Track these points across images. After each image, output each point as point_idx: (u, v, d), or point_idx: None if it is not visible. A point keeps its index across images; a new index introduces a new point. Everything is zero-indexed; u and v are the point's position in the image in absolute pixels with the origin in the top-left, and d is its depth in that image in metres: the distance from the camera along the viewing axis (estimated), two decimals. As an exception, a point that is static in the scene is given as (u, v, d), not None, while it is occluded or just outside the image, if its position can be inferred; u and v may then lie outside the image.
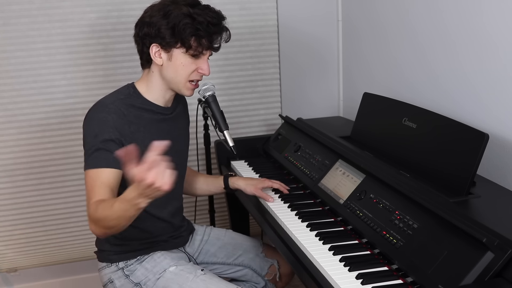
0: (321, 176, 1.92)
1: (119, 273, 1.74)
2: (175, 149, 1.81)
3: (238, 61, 2.68)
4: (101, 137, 1.57)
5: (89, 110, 1.67)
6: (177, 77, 1.67)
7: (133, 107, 1.66)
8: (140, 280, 1.72)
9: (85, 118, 1.65)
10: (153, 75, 1.70)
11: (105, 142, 1.57)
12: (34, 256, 2.67)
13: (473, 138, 1.51)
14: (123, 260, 1.74)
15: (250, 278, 1.97)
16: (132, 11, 2.47)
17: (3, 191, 2.54)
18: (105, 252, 1.76)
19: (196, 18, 1.60)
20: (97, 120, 1.60)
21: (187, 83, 1.69)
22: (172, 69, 1.66)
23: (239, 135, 2.70)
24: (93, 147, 1.57)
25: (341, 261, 1.46)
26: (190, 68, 1.66)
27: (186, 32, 1.60)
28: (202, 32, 1.61)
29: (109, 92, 1.75)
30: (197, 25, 1.60)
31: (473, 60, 1.80)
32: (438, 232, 1.34)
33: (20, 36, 2.41)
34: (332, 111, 2.84)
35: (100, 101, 1.67)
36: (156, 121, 1.73)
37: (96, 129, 1.58)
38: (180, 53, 1.64)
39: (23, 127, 2.50)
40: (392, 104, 1.94)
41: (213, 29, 1.64)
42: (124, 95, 1.69)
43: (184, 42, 1.62)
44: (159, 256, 1.76)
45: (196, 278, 1.69)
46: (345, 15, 2.70)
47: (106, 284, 1.77)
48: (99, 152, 1.56)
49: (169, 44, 1.62)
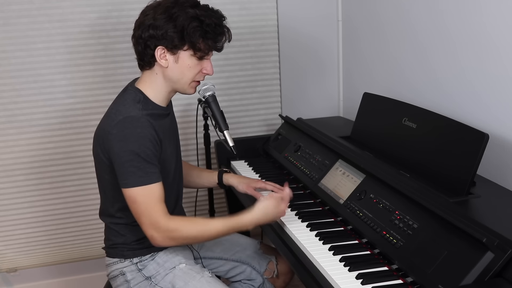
0: (321, 176, 1.93)
1: (132, 267, 1.76)
2: (175, 144, 1.83)
3: (238, 61, 2.68)
4: (143, 153, 1.59)
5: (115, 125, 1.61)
6: (183, 79, 1.68)
7: (152, 116, 1.66)
8: (151, 274, 1.75)
9: (115, 134, 1.60)
10: (156, 77, 1.69)
11: (149, 158, 1.60)
12: (34, 256, 2.67)
13: (473, 138, 1.51)
14: (137, 256, 1.76)
15: (249, 275, 1.97)
16: (132, 11, 2.47)
17: (3, 191, 2.54)
18: (118, 249, 1.77)
19: (204, 21, 1.61)
20: (134, 137, 1.59)
21: (192, 83, 1.71)
22: (178, 70, 1.66)
23: (239, 135, 2.71)
24: (139, 163, 1.59)
25: (341, 261, 1.46)
26: (196, 69, 1.68)
27: (196, 35, 1.61)
28: (210, 34, 1.62)
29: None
30: (206, 28, 1.61)
31: (473, 60, 1.80)
32: (438, 232, 1.34)
33: (20, 36, 2.41)
34: (332, 111, 2.84)
35: (128, 116, 1.62)
36: (166, 124, 1.75)
37: (136, 146, 1.59)
38: (187, 55, 1.64)
39: (23, 127, 2.50)
40: (392, 104, 1.94)
41: (219, 30, 1.65)
42: (141, 104, 1.67)
43: (194, 45, 1.62)
44: (171, 252, 1.79)
45: (202, 278, 1.71)
46: (345, 15, 2.70)
47: (116, 276, 1.78)
48: (147, 167, 1.60)
49: (177, 47, 1.63)
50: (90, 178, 2.59)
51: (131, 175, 1.59)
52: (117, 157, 1.60)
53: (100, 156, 1.69)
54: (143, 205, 1.60)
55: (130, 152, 1.59)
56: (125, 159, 1.59)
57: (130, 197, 1.60)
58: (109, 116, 1.66)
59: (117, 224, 1.76)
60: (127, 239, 1.76)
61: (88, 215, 2.64)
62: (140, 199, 1.59)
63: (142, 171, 1.59)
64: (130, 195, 1.60)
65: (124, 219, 1.74)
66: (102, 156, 1.68)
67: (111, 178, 1.70)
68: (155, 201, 1.60)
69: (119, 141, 1.60)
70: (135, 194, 1.59)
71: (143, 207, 1.60)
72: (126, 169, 1.59)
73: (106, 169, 1.69)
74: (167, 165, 1.72)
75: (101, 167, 1.72)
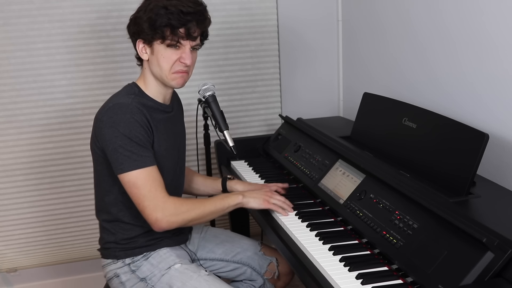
0: (321, 176, 1.93)
1: (125, 268, 1.76)
2: (177, 147, 1.83)
3: (238, 61, 2.68)
4: (135, 138, 1.60)
5: (105, 112, 1.64)
6: (161, 70, 1.69)
7: (145, 107, 1.68)
8: (145, 276, 1.74)
9: (105, 121, 1.62)
10: (146, 71, 1.74)
11: (141, 142, 1.61)
12: (34, 256, 2.67)
13: (473, 138, 1.51)
14: (129, 257, 1.76)
15: (249, 276, 1.97)
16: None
17: (3, 191, 2.54)
18: (111, 250, 1.77)
19: (169, 8, 1.62)
20: (125, 122, 1.61)
21: (172, 75, 1.70)
22: (156, 62, 1.68)
23: (239, 135, 2.71)
24: (132, 147, 1.60)
25: (341, 261, 1.46)
26: (171, 59, 1.67)
27: (157, 22, 1.62)
28: (173, 21, 1.62)
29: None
30: (169, 15, 1.61)
31: (473, 60, 1.80)
32: (438, 232, 1.34)
33: (20, 36, 2.41)
34: (332, 111, 2.84)
35: (117, 103, 1.64)
36: (163, 120, 1.75)
37: (127, 131, 1.60)
38: (159, 46, 1.66)
39: (23, 127, 2.50)
40: (392, 104, 1.94)
41: (186, 17, 1.63)
42: (134, 94, 1.70)
43: (158, 33, 1.63)
44: (165, 253, 1.78)
45: (200, 277, 1.71)
46: (345, 15, 2.70)
47: (111, 278, 1.78)
48: (140, 151, 1.61)
49: (149, 38, 1.65)
50: (90, 178, 2.58)
51: (126, 159, 1.60)
52: (110, 143, 1.61)
53: (93, 147, 1.71)
54: (145, 188, 1.60)
55: (121, 137, 1.60)
56: (118, 144, 1.60)
57: (129, 182, 1.61)
58: (102, 107, 1.70)
59: (109, 221, 1.77)
60: (117, 237, 1.76)
61: (88, 215, 2.64)
62: (141, 182, 1.60)
63: (136, 154, 1.60)
64: (129, 180, 1.60)
65: (115, 214, 1.74)
66: (95, 147, 1.70)
67: (102, 169, 1.71)
68: (157, 183, 1.62)
69: (110, 127, 1.61)
70: (134, 178, 1.60)
71: (146, 190, 1.60)
72: (120, 154, 1.60)
73: (98, 159, 1.71)
74: (159, 160, 1.70)
75: (95, 159, 1.74)
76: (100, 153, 1.68)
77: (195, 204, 1.68)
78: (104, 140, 1.62)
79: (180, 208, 1.64)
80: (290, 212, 1.79)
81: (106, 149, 1.63)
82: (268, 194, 1.80)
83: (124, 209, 1.74)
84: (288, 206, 1.80)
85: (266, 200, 1.77)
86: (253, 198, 1.77)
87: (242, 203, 1.75)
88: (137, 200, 1.62)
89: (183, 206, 1.65)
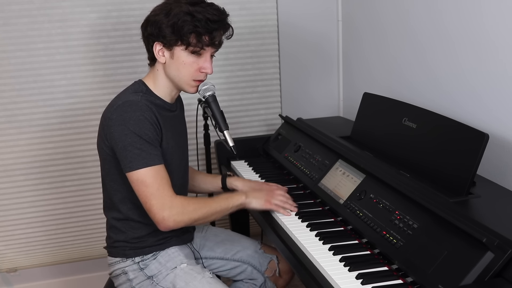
0: (321, 176, 1.93)
1: (134, 266, 1.76)
2: (180, 145, 1.84)
3: (238, 61, 2.68)
4: (145, 135, 1.61)
5: (114, 110, 1.63)
6: (179, 76, 1.70)
7: (153, 105, 1.69)
8: (153, 274, 1.75)
9: (115, 119, 1.62)
10: (158, 73, 1.74)
11: (150, 140, 1.62)
12: (34, 256, 2.68)
13: (473, 138, 1.51)
14: (139, 255, 1.76)
15: (250, 274, 1.97)
16: (132, 11, 2.48)
17: (3, 191, 2.54)
18: (120, 248, 1.78)
19: (196, 16, 1.62)
20: (134, 120, 1.61)
21: (192, 82, 1.72)
22: (175, 67, 1.69)
23: (239, 135, 2.71)
24: (142, 145, 1.60)
25: (341, 261, 1.46)
26: (192, 67, 1.69)
27: (184, 29, 1.62)
28: (200, 29, 1.63)
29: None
30: (196, 22, 1.62)
31: (472, 60, 1.80)
32: (438, 232, 1.34)
33: (20, 36, 2.41)
34: (332, 111, 2.84)
35: (127, 101, 1.64)
36: (169, 118, 1.76)
37: (137, 128, 1.60)
38: (181, 51, 1.66)
39: (23, 127, 2.50)
40: (392, 104, 1.94)
41: (212, 26, 1.65)
42: (142, 92, 1.70)
43: (183, 39, 1.64)
44: (173, 252, 1.79)
45: (203, 279, 1.71)
46: (345, 15, 2.70)
47: (119, 275, 1.78)
48: (149, 149, 1.61)
49: (170, 42, 1.65)
50: (90, 178, 2.59)
51: (135, 157, 1.60)
52: (119, 141, 1.61)
53: (102, 145, 1.70)
54: (154, 186, 1.60)
55: (131, 134, 1.60)
56: (127, 142, 1.60)
57: (138, 180, 1.61)
58: (109, 105, 1.69)
59: (119, 220, 1.77)
60: (127, 236, 1.76)
61: (88, 215, 2.64)
62: (150, 180, 1.60)
63: (145, 152, 1.60)
64: (138, 178, 1.60)
65: (125, 213, 1.74)
66: (103, 145, 1.69)
67: (111, 167, 1.71)
68: (165, 181, 1.62)
69: (119, 125, 1.61)
70: (143, 177, 1.60)
71: (155, 188, 1.60)
72: (129, 152, 1.60)
73: (106, 158, 1.70)
74: (167, 158, 1.72)
75: (102, 158, 1.73)
76: (109, 152, 1.68)
77: (201, 204, 1.69)
78: (113, 138, 1.62)
79: (187, 207, 1.65)
80: (293, 212, 1.79)
81: (116, 147, 1.63)
82: (270, 194, 1.80)
83: (134, 207, 1.74)
84: (290, 206, 1.80)
85: (267, 201, 1.77)
86: (255, 198, 1.77)
87: (245, 203, 1.76)
88: (144, 199, 1.62)
89: (190, 205, 1.66)
